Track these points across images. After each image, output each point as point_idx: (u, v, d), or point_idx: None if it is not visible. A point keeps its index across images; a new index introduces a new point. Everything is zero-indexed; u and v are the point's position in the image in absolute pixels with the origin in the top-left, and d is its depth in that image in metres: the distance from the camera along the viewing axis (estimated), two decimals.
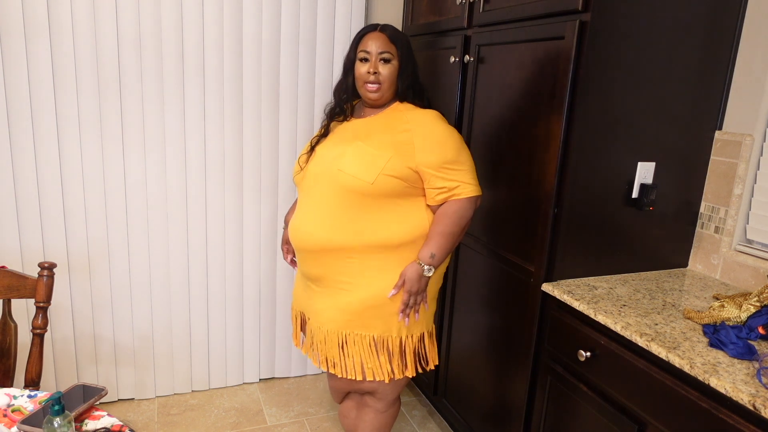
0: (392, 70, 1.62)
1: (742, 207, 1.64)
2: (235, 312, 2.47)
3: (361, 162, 1.55)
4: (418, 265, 1.59)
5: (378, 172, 1.54)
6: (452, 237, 1.60)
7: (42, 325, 1.48)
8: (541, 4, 1.56)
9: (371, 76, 1.60)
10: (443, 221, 1.59)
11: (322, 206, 1.60)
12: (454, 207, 1.59)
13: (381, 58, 1.61)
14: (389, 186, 1.56)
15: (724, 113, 1.67)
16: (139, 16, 2.04)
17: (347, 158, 1.56)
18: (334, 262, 1.62)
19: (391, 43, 1.62)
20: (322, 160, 1.63)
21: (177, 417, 2.31)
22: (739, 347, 1.18)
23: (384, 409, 1.79)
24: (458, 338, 2.09)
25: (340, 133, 1.68)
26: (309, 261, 1.67)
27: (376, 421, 1.80)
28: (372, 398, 1.78)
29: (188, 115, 2.19)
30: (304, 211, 1.65)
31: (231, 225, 2.36)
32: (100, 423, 1.11)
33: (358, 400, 1.84)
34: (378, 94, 1.62)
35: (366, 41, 1.62)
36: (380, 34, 1.62)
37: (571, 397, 1.50)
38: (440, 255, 1.60)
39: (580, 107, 1.47)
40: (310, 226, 1.62)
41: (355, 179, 1.54)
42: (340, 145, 1.62)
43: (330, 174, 1.58)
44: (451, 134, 1.60)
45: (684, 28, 1.53)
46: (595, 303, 1.44)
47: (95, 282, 2.22)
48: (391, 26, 1.66)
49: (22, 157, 2.00)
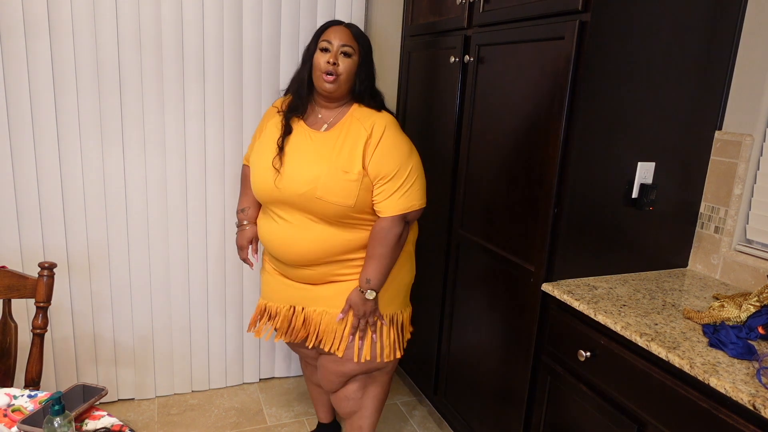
0: (351, 65, 1.63)
1: (742, 207, 1.65)
2: (235, 312, 2.47)
3: (337, 187, 1.58)
4: (359, 291, 1.67)
5: (356, 195, 1.59)
6: (384, 258, 1.65)
7: (42, 325, 1.48)
8: (541, 4, 1.56)
9: (330, 67, 1.60)
10: (371, 244, 1.66)
11: (308, 226, 1.65)
12: (377, 227, 1.65)
13: (342, 51, 1.62)
14: (368, 199, 1.63)
15: (724, 113, 1.67)
16: (139, 16, 2.04)
17: (322, 183, 1.58)
18: (330, 267, 1.71)
19: (354, 39, 1.64)
20: (294, 183, 1.61)
21: (177, 417, 2.31)
22: (739, 347, 1.18)
23: (388, 381, 1.93)
24: (458, 338, 2.09)
25: (303, 146, 1.65)
26: (299, 270, 1.73)
27: (383, 393, 1.93)
28: (379, 372, 1.87)
29: (188, 116, 2.19)
30: (289, 228, 1.67)
31: (231, 225, 2.36)
32: (100, 423, 1.11)
33: (364, 379, 1.88)
34: (334, 86, 1.62)
35: (329, 33, 1.64)
36: (345, 29, 1.65)
37: (571, 397, 1.50)
38: (376, 278, 1.65)
39: (580, 107, 1.47)
40: (301, 244, 1.66)
41: (336, 206, 1.59)
42: (312, 166, 1.61)
43: (308, 200, 1.60)
44: (401, 145, 1.63)
45: (684, 28, 1.54)
46: (595, 303, 1.44)
47: (95, 282, 2.22)
48: (356, 25, 1.70)
49: (22, 158, 2.00)
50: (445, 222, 2.13)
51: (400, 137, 1.66)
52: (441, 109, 2.15)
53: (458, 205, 2.03)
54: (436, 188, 2.18)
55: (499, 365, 1.84)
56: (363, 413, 1.91)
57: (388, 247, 1.65)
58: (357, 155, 1.60)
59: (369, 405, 1.90)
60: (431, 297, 2.28)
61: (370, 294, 1.66)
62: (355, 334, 1.72)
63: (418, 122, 2.36)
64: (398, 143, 1.64)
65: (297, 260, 1.69)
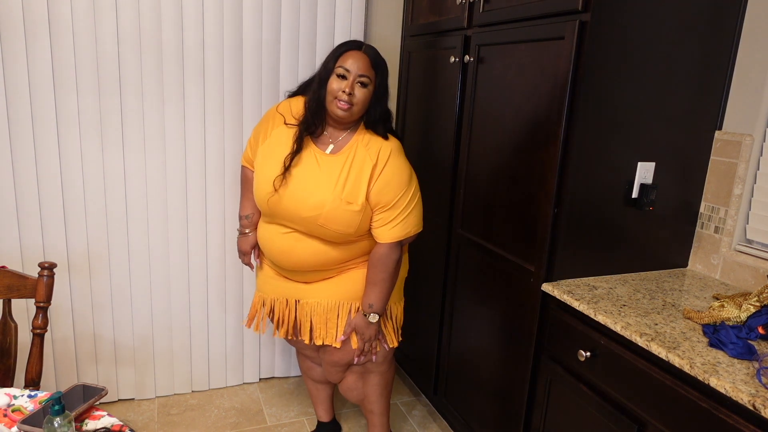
0: (367, 95, 1.63)
1: (742, 207, 1.65)
2: (235, 312, 2.47)
3: (340, 218, 1.62)
4: (362, 316, 1.73)
5: (358, 224, 1.64)
6: (385, 282, 1.72)
7: (42, 325, 1.48)
8: (541, 4, 1.56)
9: (345, 96, 1.58)
10: (371, 271, 1.72)
11: (305, 240, 1.69)
12: (377, 254, 1.71)
13: (359, 81, 1.60)
14: (367, 224, 1.68)
15: (724, 113, 1.67)
16: (139, 15, 2.04)
17: (326, 212, 1.61)
18: (328, 273, 1.77)
19: (371, 68, 1.62)
20: (299, 206, 1.63)
21: (177, 417, 2.31)
22: (739, 347, 1.18)
23: (387, 369, 1.96)
24: (458, 338, 2.09)
25: (312, 174, 1.65)
26: (300, 275, 1.79)
27: (383, 381, 1.96)
28: (373, 364, 1.90)
29: (188, 115, 2.19)
30: (289, 241, 1.71)
31: (231, 225, 2.36)
32: (100, 423, 1.11)
33: (359, 370, 1.94)
34: (347, 114, 1.61)
35: (347, 58, 1.60)
36: (364, 56, 1.62)
37: (571, 397, 1.50)
38: (378, 303, 1.72)
39: (580, 107, 1.47)
40: (300, 254, 1.71)
41: (337, 234, 1.65)
42: (317, 193, 1.62)
43: (309, 223, 1.64)
44: (400, 175, 1.66)
45: (684, 28, 1.54)
46: (595, 303, 1.44)
47: (95, 282, 2.22)
48: (374, 49, 1.67)
49: (22, 157, 2.00)
50: (445, 222, 2.13)
51: (402, 164, 1.69)
52: (441, 109, 2.14)
53: (458, 205, 2.03)
54: (436, 188, 2.18)
55: (499, 365, 1.84)
56: (369, 399, 1.98)
57: (388, 272, 1.71)
58: (362, 186, 1.63)
59: (372, 392, 1.96)
60: (431, 297, 2.28)
61: (374, 318, 1.72)
62: (359, 356, 1.80)
63: (418, 122, 2.36)
64: (400, 171, 1.67)
65: (295, 267, 1.75)
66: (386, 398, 2.02)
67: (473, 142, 1.93)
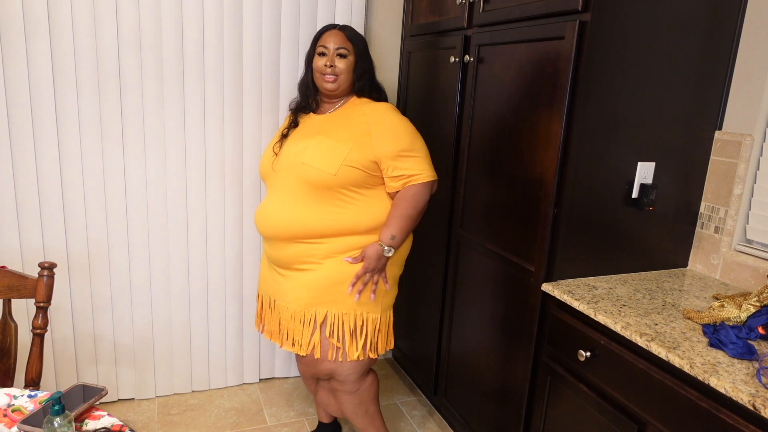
0: (348, 64, 1.78)
1: (742, 207, 1.65)
2: (235, 312, 2.47)
3: (323, 154, 1.68)
4: (378, 246, 1.72)
5: (339, 164, 1.67)
6: (410, 219, 1.74)
7: (42, 325, 1.48)
8: (541, 4, 1.56)
9: (328, 69, 1.76)
10: (401, 205, 1.72)
11: (290, 197, 1.72)
12: (411, 191, 1.73)
13: (338, 53, 1.77)
14: (351, 176, 1.68)
15: (724, 113, 1.67)
16: (139, 15, 2.04)
17: (310, 151, 1.70)
18: (303, 248, 1.73)
19: (348, 41, 1.79)
20: (286, 156, 1.76)
21: (177, 417, 2.31)
22: (739, 347, 1.18)
23: (353, 390, 1.85)
24: (458, 338, 2.09)
25: (303, 129, 1.81)
26: (277, 247, 1.78)
27: (352, 402, 1.87)
28: (336, 382, 1.85)
29: (188, 115, 2.19)
30: (273, 201, 1.76)
31: (230, 225, 2.36)
32: (100, 423, 1.11)
33: (327, 387, 1.91)
34: (335, 85, 1.78)
35: (325, 38, 1.79)
36: (338, 32, 1.80)
37: (571, 397, 1.50)
38: (400, 236, 1.73)
39: (580, 107, 1.47)
40: (279, 216, 1.73)
41: (318, 171, 1.67)
42: (303, 140, 1.75)
43: (294, 167, 1.71)
44: (404, 124, 1.75)
45: (684, 27, 1.54)
46: (595, 303, 1.44)
47: (95, 282, 2.22)
48: (351, 27, 1.84)
49: (22, 157, 2.00)
50: (445, 222, 2.13)
51: (403, 118, 1.79)
52: (441, 109, 2.14)
53: (458, 205, 2.03)
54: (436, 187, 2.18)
55: (499, 365, 1.84)
56: (347, 416, 1.93)
57: (416, 209, 1.73)
58: (351, 134, 1.71)
59: (347, 410, 1.90)
60: (431, 297, 2.28)
61: (389, 251, 1.73)
62: (355, 284, 1.72)
63: (418, 122, 2.36)
64: (404, 121, 1.77)
65: (274, 232, 1.75)
66: (364, 417, 1.89)
67: (473, 142, 1.93)
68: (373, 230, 1.74)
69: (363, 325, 1.76)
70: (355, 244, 1.73)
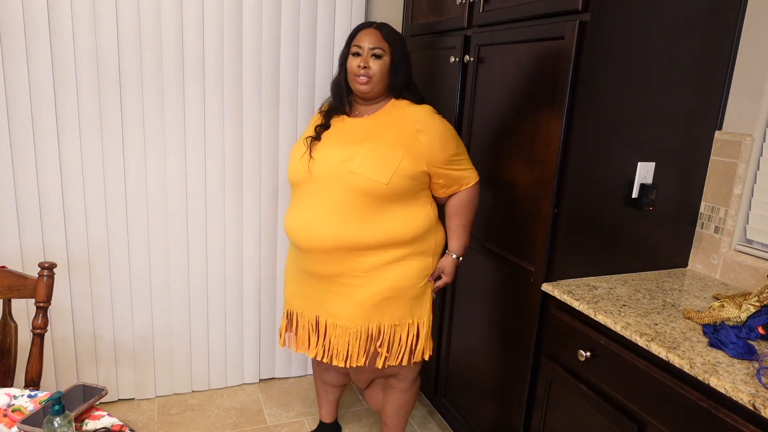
0: (383, 65, 1.66)
1: (742, 207, 1.64)
2: (235, 312, 2.47)
3: (374, 163, 1.58)
4: (453, 258, 1.77)
5: (392, 173, 1.58)
6: (471, 224, 1.78)
7: (42, 325, 1.48)
8: (541, 4, 1.56)
9: (361, 70, 1.64)
10: (461, 212, 1.74)
11: (334, 207, 1.61)
12: (467, 197, 1.73)
13: (372, 53, 1.65)
14: (402, 186, 1.61)
15: (724, 113, 1.67)
16: (139, 16, 2.04)
17: (359, 160, 1.58)
18: (348, 261, 1.65)
19: (383, 40, 1.67)
20: (328, 162, 1.63)
21: (177, 417, 2.31)
22: (739, 347, 1.18)
23: (407, 388, 1.92)
24: (458, 338, 2.09)
25: (344, 134, 1.68)
26: (320, 261, 1.67)
27: (402, 399, 1.94)
28: (395, 380, 1.90)
29: (188, 115, 2.19)
30: (313, 211, 1.64)
31: (231, 225, 2.36)
32: (100, 423, 1.11)
33: (383, 383, 1.95)
34: (368, 87, 1.66)
35: (360, 37, 1.67)
36: (374, 31, 1.68)
37: (571, 397, 1.50)
38: (467, 243, 1.79)
39: (580, 107, 1.47)
40: (323, 228, 1.62)
41: (370, 181, 1.57)
42: (348, 146, 1.63)
43: (340, 176, 1.60)
44: (449, 128, 1.69)
45: (684, 28, 1.53)
46: (595, 303, 1.44)
47: (95, 282, 2.22)
48: (388, 25, 1.71)
49: (23, 157, 2.00)
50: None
51: (446, 122, 1.70)
52: (441, 109, 2.14)
53: None
54: None
55: (499, 365, 1.84)
56: (386, 413, 1.98)
57: (473, 212, 1.77)
58: (399, 139, 1.61)
59: (389, 407, 1.96)
60: None
61: (459, 259, 1.79)
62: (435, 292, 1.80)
63: None
64: (448, 124, 1.70)
65: (318, 245, 1.64)
66: (402, 417, 1.97)
67: (473, 142, 1.93)
68: (416, 240, 1.67)
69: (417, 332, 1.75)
70: (399, 255, 1.66)
